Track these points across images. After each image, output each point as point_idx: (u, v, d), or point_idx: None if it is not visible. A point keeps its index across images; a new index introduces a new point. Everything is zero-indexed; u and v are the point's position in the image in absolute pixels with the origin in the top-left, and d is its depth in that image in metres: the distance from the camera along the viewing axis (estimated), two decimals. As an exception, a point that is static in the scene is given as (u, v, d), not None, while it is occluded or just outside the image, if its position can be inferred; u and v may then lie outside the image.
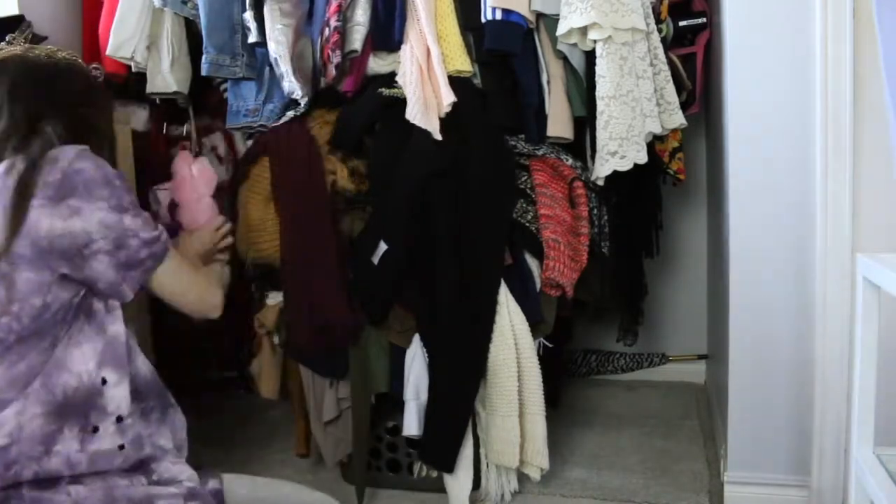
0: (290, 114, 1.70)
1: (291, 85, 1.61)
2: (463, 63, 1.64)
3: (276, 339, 1.78)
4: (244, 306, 1.83)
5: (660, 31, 1.74)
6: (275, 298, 1.75)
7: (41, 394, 0.89)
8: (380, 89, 1.67)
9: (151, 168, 1.94)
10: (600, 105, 1.59)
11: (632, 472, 1.86)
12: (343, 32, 1.60)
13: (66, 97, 1.06)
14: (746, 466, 1.61)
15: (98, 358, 0.94)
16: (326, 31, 1.60)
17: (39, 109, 1.01)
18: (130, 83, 1.86)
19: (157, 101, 1.88)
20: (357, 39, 1.61)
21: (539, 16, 1.67)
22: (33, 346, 0.90)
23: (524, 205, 1.69)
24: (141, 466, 0.98)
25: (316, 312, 1.63)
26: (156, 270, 1.01)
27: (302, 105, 1.67)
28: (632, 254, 2.16)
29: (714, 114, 2.01)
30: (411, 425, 1.67)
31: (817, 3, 1.42)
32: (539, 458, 1.66)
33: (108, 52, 1.73)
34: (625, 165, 1.61)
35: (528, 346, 1.65)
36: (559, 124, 1.69)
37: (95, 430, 0.93)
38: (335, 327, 1.64)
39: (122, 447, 0.94)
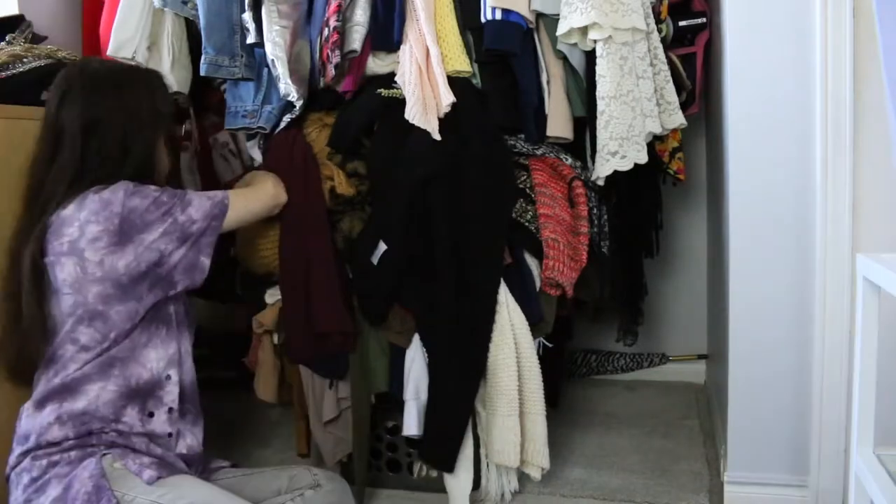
0: (288, 117, 1.70)
1: (287, 87, 1.61)
2: (462, 63, 1.64)
3: (275, 339, 1.78)
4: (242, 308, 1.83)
5: (660, 31, 1.74)
6: (273, 296, 1.75)
7: (119, 379, 1.15)
8: (378, 90, 1.67)
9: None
10: (601, 105, 1.59)
11: (632, 472, 1.86)
12: (342, 32, 1.60)
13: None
14: (746, 466, 1.61)
15: (167, 359, 1.20)
16: (326, 31, 1.60)
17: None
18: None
19: (158, 101, 1.89)
20: (356, 39, 1.61)
21: (539, 15, 1.67)
22: (120, 346, 1.15)
23: (524, 204, 1.69)
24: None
25: (314, 321, 1.63)
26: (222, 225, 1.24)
27: (297, 107, 1.67)
28: (632, 254, 2.17)
29: (714, 114, 2.01)
30: (411, 425, 1.67)
31: (817, 2, 1.42)
32: (539, 458, 1.66)
33: (108, 53, 1.73)
34: (625, 165, 1.61)
35: (528, 346, 1.65)
36: (559, 124, 1.69)
37: (151, 414, 1.18)
38: (333, 334, 1.64)
39: (170, 435, 1.19)
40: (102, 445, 1.12)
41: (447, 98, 1.57)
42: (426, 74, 1.61)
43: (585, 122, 1.73)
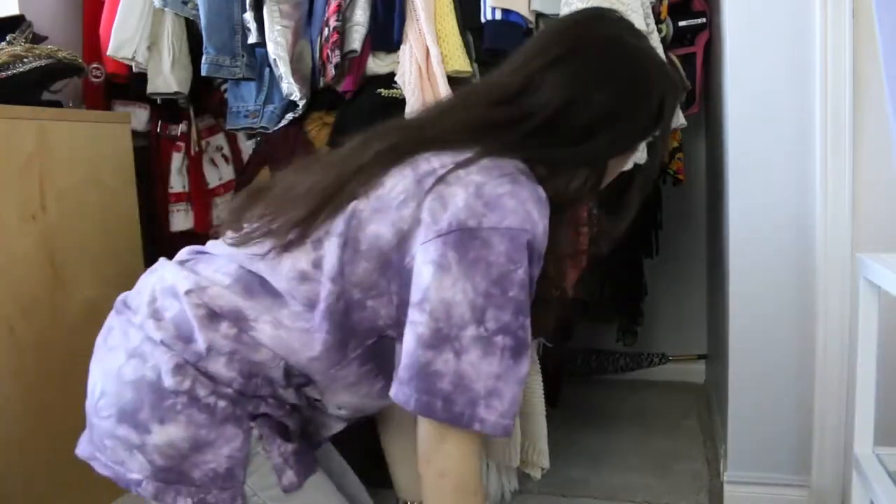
0: (290, 116, 1.70)
1: (290, 86, 1.61)
2: (462, 63, 1.64)
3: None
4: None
5: (659, 31, 1.74)
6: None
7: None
8: (378, 90, 1.67)
9: (150, 168, 1.95)
10: (600, 105, 1.59)
11: (632, 472, 1.86)
12: (342, 32, 1.61)
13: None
14: (746, 466, 1.61)
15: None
16: (326, 31, 1.60)
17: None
18: (131, 83, 1.87)
19: (158, 101, 1.89)
20: (356, 39, 1.61)
21: (539, 16, 1.67)
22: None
23: (524, 205, 1.68)
24: None
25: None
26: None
27: (300, 107, 1.67)
28: (631, 254, 2.17)
29: (714, 114, 2.01)
30: (411, 425, 1.67)
31: (817, 3, 1.42)
32: (540, 458, 1.66)
33: (108, 53, 1.73)
34: (625, 165, 1.61)
35: (528, 346, 1.65)
36: (559, 124, 1.69)
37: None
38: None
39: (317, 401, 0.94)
40: (253, 413, 0.83)
41: (447, 98, 1.57)
42: (426, 74, 1.61)
43: (585, 122, 1.73)
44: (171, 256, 0.98)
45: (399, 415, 1.03)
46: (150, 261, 1.05)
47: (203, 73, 1.67)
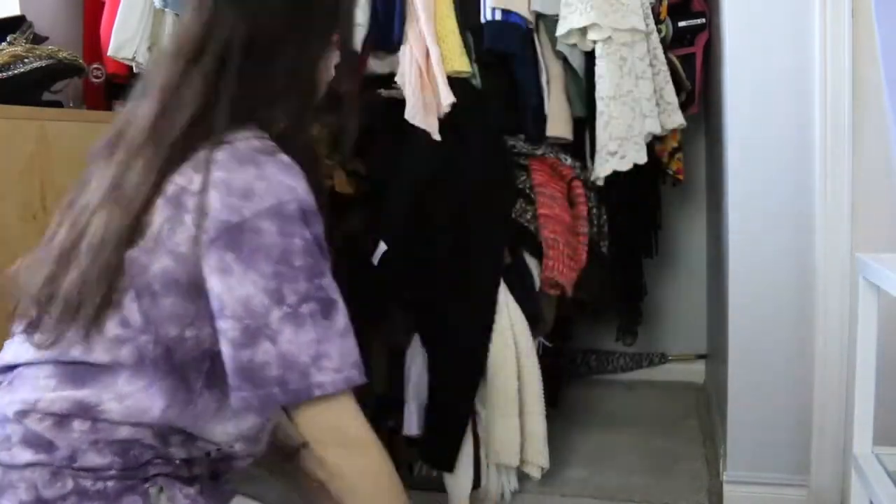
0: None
1: (291, 85, 1.61)
2: (462, 63, 1.64)
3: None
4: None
5: (659, 31, 1.75)
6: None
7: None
8: (378, 90, 1.67)
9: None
10: (600, 105, 1.59)
11: (632, 472, 1.86)
12: (343, 33, 1.61)
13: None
14: (746, 466, 1.61)
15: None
16: (326, 32, 1.60)
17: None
18: (131, 84, 1.87)
19: (158, 101, 1.89)
20: (356, 40, 1.61)
21: (538, 16, 1.67)
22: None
23: (523, 204, 1.69)
24: None
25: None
26: (294, 409, 0.78)
27: (301, 106, 1.67)
28: (631, 254, 2.17)
29: (713, 114, 2.01)
30: (411, 425, 1.67)
31: (816, 3, 1.42)
32: (539, 458, 1.66)
33: (109, 53, 1.74)
34: (624, 165, 1.61)
35: (528, 346, 1.65)
36: (559, 124, 1.70)
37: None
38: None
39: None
40: (145, 477, 0.82)
41: (447, 98, 1.57)
42: (426, 75, 1.61)
43: (585, 122, 1.73)
44: None
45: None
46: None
47: (203, 73, 1.67)
